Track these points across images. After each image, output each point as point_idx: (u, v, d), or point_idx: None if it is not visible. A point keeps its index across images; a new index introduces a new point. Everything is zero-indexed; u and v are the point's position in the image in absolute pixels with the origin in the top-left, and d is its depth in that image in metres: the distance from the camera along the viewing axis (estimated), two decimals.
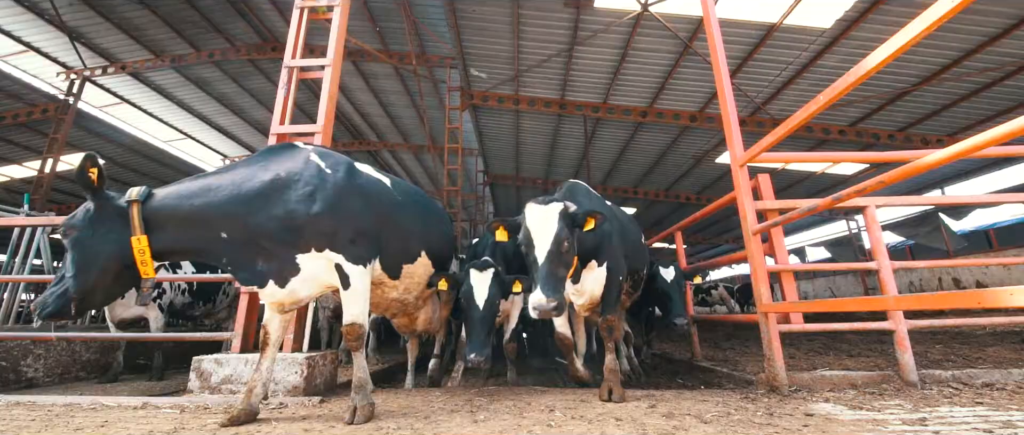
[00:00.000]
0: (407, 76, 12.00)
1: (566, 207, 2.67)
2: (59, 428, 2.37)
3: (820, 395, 2.84)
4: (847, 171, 14.45)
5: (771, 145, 3.03)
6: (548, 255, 2.47)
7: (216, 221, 2.31)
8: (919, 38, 1.88)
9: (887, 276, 3.21)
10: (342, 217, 2.47)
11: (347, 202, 2.52)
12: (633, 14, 8.42)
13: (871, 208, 3.41)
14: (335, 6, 4.58)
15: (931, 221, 16.70)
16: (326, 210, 2.41)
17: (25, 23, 10.00)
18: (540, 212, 2.62)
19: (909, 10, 7.49)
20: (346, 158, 2.79)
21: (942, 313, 7.89)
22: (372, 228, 2.64)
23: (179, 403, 2.92)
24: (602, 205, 3.29)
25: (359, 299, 2.51)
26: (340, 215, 2.46)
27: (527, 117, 13.09)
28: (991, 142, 1.58)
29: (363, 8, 9.64)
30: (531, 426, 2.22)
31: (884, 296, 2.72)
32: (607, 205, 3.44)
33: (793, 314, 3.39)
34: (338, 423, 2.38)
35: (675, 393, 3.10)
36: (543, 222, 2.57)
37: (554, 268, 2.46)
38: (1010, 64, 8.52)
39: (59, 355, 5.01)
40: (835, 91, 2.35)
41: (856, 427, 2.08)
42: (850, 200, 2.39)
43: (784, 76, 9.71)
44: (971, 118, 10.65)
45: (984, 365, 3.60)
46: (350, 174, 2.66)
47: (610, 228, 3.11)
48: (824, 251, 22.81)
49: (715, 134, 12.53)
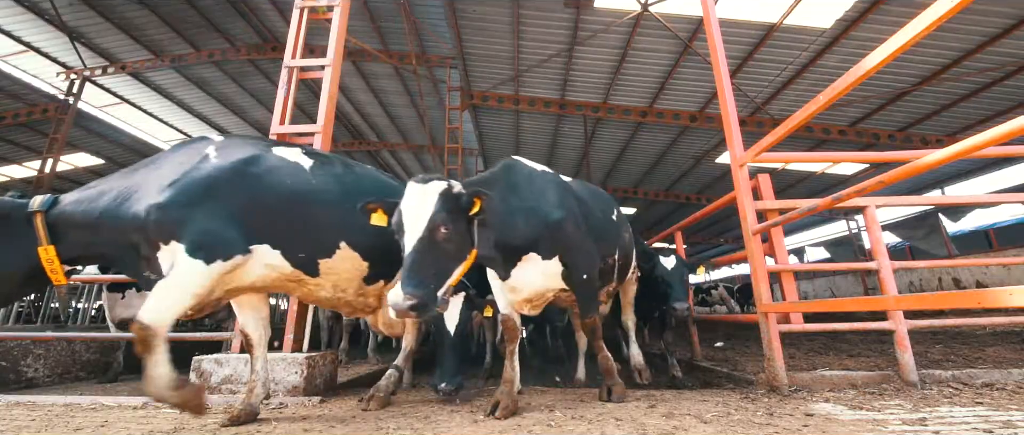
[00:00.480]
0: (407, 76, 12.00)
1: (450, 187, 2.23)
2: (59, 428, 2.37)
3: (820, 395, 2.84)
4: (847, 171, 14.45)
5: (771, 145, 3.04)
6: (417, 243, 2.06)
7: (105, 227, 2.21)
8: (919, 38, 1.88)
9: (887, 276, 3.21)
10: (190, 207, 2.20)
11: (208, 191, 2.25)
12: (633, 14, 8.42)
13: (871, 208, 3.41)
14: (335, 6, 4.58)
15: (929, 223, 16.71)
16: (170, 200, 2.18)
17: (25, 23, 10.00)
18: (418, 192, 2.20)
19: (909, 10, 7.49)
20: (263, 146, 2.57)
21: (942, 313, 7.89)
22: (243, 217, 2.31)
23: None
24: (545, 186, 2.75)
25: (169, 292, 2.11)
26: (188, 205, 2.20)
27: (527, 117, 13.09)
28: (991, 142, 1.59)
29: (363, 8, 9.64)
30: (531, 426, 2.22)
31: (884, 296, 2.72)
32: (559, 185, 2.85)
33: (793, 314, 3.39)
34: (338, 423, 2.38)
35: (675, 393, 3.10)
36: (419, 204, 2.15)
37: (424, 259, 2.05)
38: (1010, 64, 8.52)
39: (59, 355, 5.01)
40: (835, 91, 2.36)
41: (856, 427, 2.08)
42: (850, 200, 2.39)
43: (784, 76, 9.71)
44: (971, 118, 10.65)
45: (984, 365, 3.60)
46: (235, 162, 2.39)
47: (562, 215, 2.63)
48: (824, 251, 22.83)
49: (715, 134, 12.53)
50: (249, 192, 2.37)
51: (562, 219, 2.64)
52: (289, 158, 2.62)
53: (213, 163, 2.35)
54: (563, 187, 2.87)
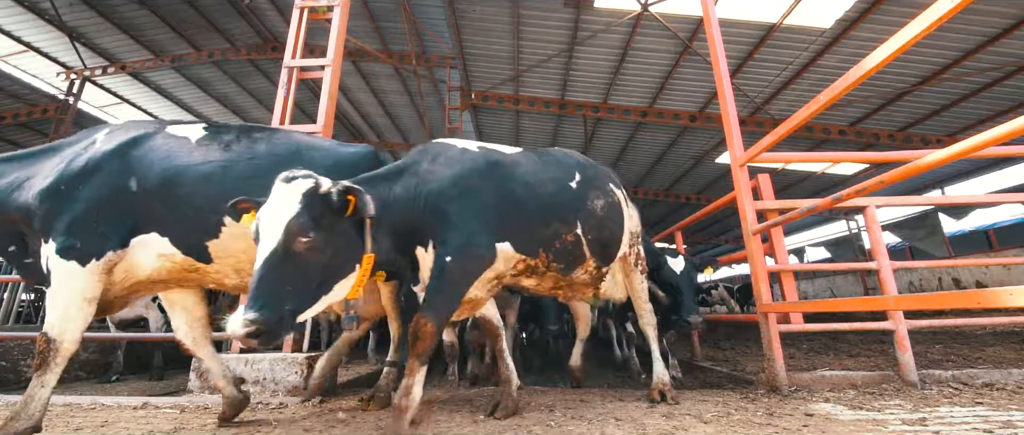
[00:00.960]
0: (407, 76, 11.99)
1: (316, 185, 1.85)
2: (59, 428, 2.37)
3: (820, 395, 2.84)
4: (847, 171, 14.45)
5: (771, 145, 3.04)
6: (268, 256, 1.71)
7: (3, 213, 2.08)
8: (919, 38, 1.88)
9: (887, 276, 3.21)
10: (58, 201, 2.00)
11: (76, 182, 2.04)
12: (633, 14, 8.42)
13: (871, 208, 3.41)
14: (335, 6, 4.58)
15: (929, 223, 16.71)
16: (38, 193, 2.01)
17: (25, 23, 10.00)
18: (280, 193, 1.83)
19: (909, 10, 7.48)
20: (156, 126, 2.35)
21: (942, 313, 7.89)
22: (121, 207, 2.08)
23: (179, 403, 2.92)
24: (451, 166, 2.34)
25: (58, 301, 1.94)
26: (55, 199, 2.00)
27: (527, 117, 13.09)
28: (991, 142, 1.59)
29: (363, 8, 9.64)
30: (531, 426, 2.22)
31: (884, 296, 2.72)
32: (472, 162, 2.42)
33: (793, 314, 3.40)
34: (338, 423, 2.37)
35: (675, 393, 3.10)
36: (278, 208, 1.78)
37: (275, 274, 1.70)
38: (1010, 64, 8.52)
39: None
40: (835, 91, 2.36)
41: (856, 427, 2.08)
42: (850, 200, 2.39)
43: (784, 76, 9.71)
44: (971, 118, 10.65)
45: (984, 365, 3.60)
46: (115, 146, 2.17)
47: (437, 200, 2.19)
48: (824, 251, 22.83)
49: (715, 134, 12.52)
50: (126, 177, 2.10)
51: (446, 200, 2.21)
52: (178, 134, 2.32)
53: (94, 150, 2.13)
54: (478, 164, 2.41)
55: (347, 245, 1.91)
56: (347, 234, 1.92)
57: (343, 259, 1.90)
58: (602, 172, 3.03)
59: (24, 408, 1.96)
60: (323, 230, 1.81)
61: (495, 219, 2.30)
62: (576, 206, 2.64)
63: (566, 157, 2.91)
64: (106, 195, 2.05)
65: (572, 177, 2.73)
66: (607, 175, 3.07)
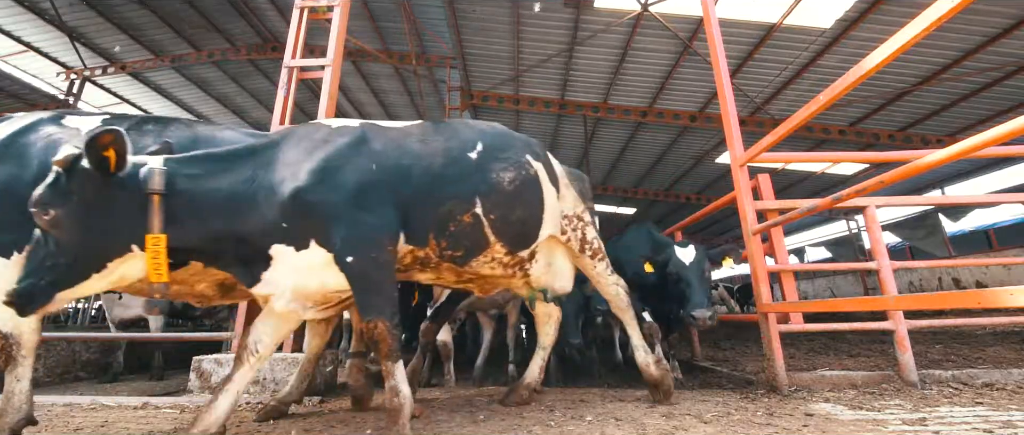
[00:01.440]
0: (407, 76, 11.99)
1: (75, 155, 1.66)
2: (59, 428, 2.37)
3: (820, 395, 2.84)
4: (847, 171, 14.45)
5: (771, 145, 3.04)
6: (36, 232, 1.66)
7: None
8: (919, 38, 1.88)
9: (887, 276, 3.21)
10: None
11: None
12: (633, 14, 8.42)
13: (871, 208, 3.41)
14: (335, 6, 4.58)
15: (929, 223, 16.70)
16: None
17: (25, 23, 10.00)
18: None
19: (909, 10, 7.48)
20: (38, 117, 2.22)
21: (942, 313, 7.89)
22: None
23: (179, 403, 2.92)
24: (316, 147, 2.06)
25: None
26: None
27: (527, 117, 13.09)
28: (991, 142, 1.59)
29: (363, 8, 9.64)
30: (531, 426, 2.22)
31: (884, 296, 2.72)
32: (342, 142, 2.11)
33: (793, 314, 3.40)
34: (338, 423, 2.38)
35: (675, 393, 3.10)
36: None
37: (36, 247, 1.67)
38: (1010, 64, 8.52)
39: (59, 355, 5.01)
40: (835, 91, 2.36)
41: (856, 427, 2.08)
42: (850, 200, 2.39)
43: (784, 76, 9.71)
44: (971, 118, 10.65)
45: (984, 365, 3.60)
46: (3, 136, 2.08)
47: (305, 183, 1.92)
48: (824, 251, 22.84)
49: (715, 134, 12.52)
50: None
51: (304, 188, 1.90)
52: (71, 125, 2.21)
53: None
54: (349, 142, 2.11)
55: (116, 223, 1.72)
56: (119, 211, 1.72)
57: (110, 238, 1.73)
58: (515, 142, 2.61)
59: (7, 403, 1.99)
60: (75, 204, 1.65)
61: (376, 201, 2.03)
62: (475, 181, 2.27)
63: (469, 127, 2.56)
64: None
65: (471, 147, 2.37)
66: (524, 145, 2.63)
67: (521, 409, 2.62)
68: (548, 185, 2.62)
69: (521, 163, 2.49)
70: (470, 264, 2.34)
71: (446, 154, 2.29)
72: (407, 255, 2.16)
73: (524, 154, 2.56)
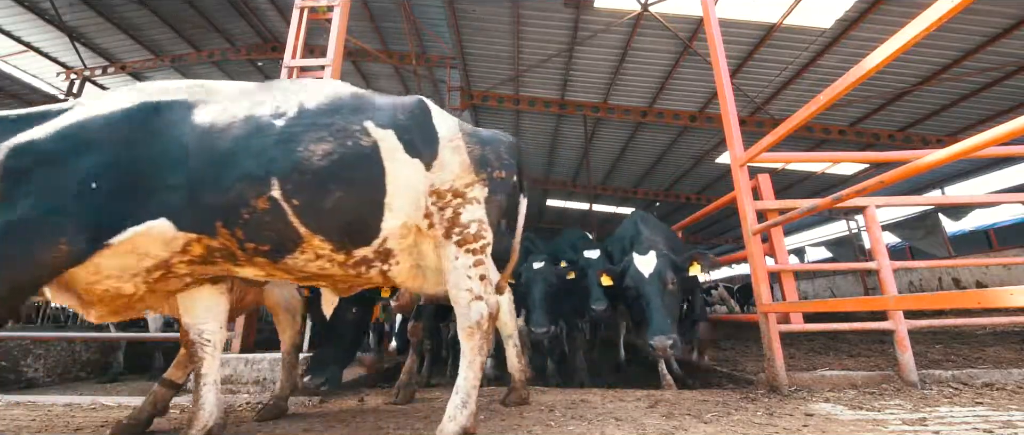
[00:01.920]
0: (407, 76, 11.99)
1: None
2: (59, 428, 2.37)
3: (820, 395, 2.84)
4: (847, 171, 14.45)
5: (771, 145, 3.04)
6: None
7: None
8: (919, 38, 1.88)
9: (887, 276, 3.21)
10: None
11: None
12: (633, 14, 8.42)
13: (871, 208, 3.41)
14: (335, 6, 4.58)
15: (929, 223, 16.70)
16: None
17: (25, 23, 10.00)
18: None
19: (909, 10, 7.48)
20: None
21: (942, 313, 7.89)
22: None
23: (179, 403, 2.92)
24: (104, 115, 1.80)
25: None
26: None
27: (527, 117, 13.09)
28: (991, 142, 1.59)
29: (363, 8, 9.64)
30: (531, 426, 2.22)
31: (884, 296, 2.72)
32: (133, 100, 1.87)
33: (793, 314, 3.40)
34: (338, 423, 2.38)
35: (675, 393, 3.10)
36: None
37: None
38: (1010, 64, 8.52)
39: (59, 355, 5.01)
40: (835, 91, 2.36)
41: (856, 427, 2.08)
42: (850, 200, 2.39)
43: (784, 76, 9.71)
44: (971, 118, 10.65)
45: (984, 365, 3.60)
46: None
47: None
48: (824, 251, 22.82)
49: (715, 134, 12.52)
50: None
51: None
52: None
53: None
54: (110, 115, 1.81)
55: None
56: None
57: None
58: (346, 104, 2.06)
59: None
60: None
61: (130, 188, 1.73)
62: (272, 155, 1.83)
63: (297, 86, 2.11)
64: None
65: (281, 113, 1.93)
66: (363, 108, 2.07)
67: (521, 409, 2.62)
68: (403, 158, 2.05)
69: (347, 132, 1.95)
70: (285, 261, 1.93)
71: (245, 125, 1.86)
72: (194, 244, 1.83)
73: (359, 120, 2.00)
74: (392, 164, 2.01)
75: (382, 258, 2.08)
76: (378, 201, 1.98)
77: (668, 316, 2.88)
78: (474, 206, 2.20)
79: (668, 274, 3.06)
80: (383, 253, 2.07)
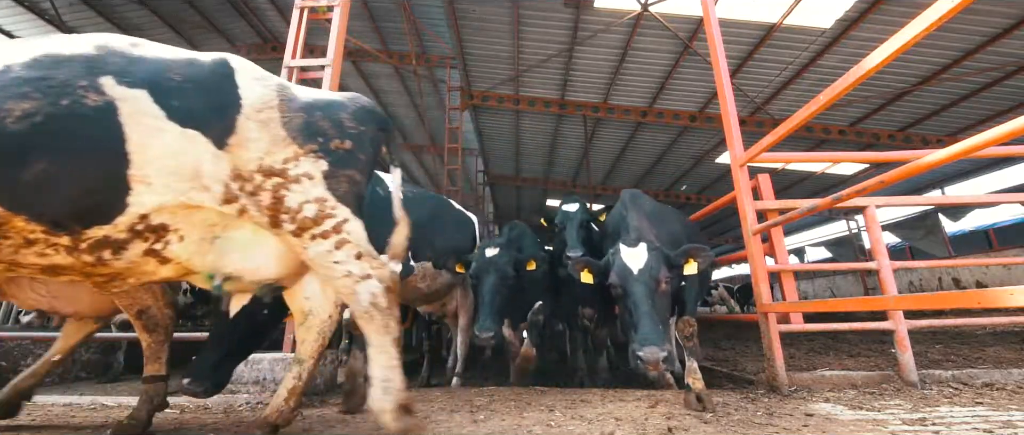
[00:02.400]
0: (407, 76, 11.99)
1: None
2: (59, 428, 2.37)
3: (820, 395, 2.84)
4: (847, 171, 14.45)
5: (771, 145, 3.04)
6: None
7: None
8: (919, 38, 1.88)
9: (887, 276, 3.21)
10: None
11: None
12: (633, 14, 8.42)
13: (871, 208, 3.41)
14: (335, 6, 4.58)
15: (929, 223, 16.69)
16: None
17: (25, 23, 9.99)
18: None
19: (909, 10, 7.48)
20: None
21: (942, 313, 7.89)
22: None
23: (179, 403, 2.92)
24: None
25: None
26: None
27: (527, 117, 13.10)
28: (991, 142, 1.59)
29: (363, 8, 9.64)
30: (531, 426, 2.22)
31: (884, 296, 2.72)
32: None
33: (793, 314, 3.40)
34: (338, 423, 2.38)
35: (675, 393, 3.10)
36: None
37: None
38: (1010, 64, 8.52)
39: None
40: (835, 91, 2.36)
41: (856, 427, 2.08)
42: (850, 200, 2.39)
43: (784, 76, 9.71)
44: (971, 118, 10.65)
45: (984, 365, 3.60)
46: None
47: None
48: (824, 251, 22.82)
49: (715, 134, 12.52)
50: None
51: None
52: None
53: None
54: None
55: None
56: None
57: None
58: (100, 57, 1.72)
59: None
60: None
61: None
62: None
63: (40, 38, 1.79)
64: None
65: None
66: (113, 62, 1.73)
67: (521, 409, 2.62)
68: (165, 125, 1.70)
69: (66, 89, 1.59)
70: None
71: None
72: None
73: (91, 76, 1.65)
74: (140, 130, 1.65)
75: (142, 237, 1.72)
76: (117, 173, 1.62)
77: (660, 322, 2.40)
78: (304, 185, 1.86)
79: (661, 271, 2.56)
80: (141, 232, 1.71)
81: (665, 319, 2.58)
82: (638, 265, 2.54)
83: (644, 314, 2.39)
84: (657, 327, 2.35)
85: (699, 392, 2.56)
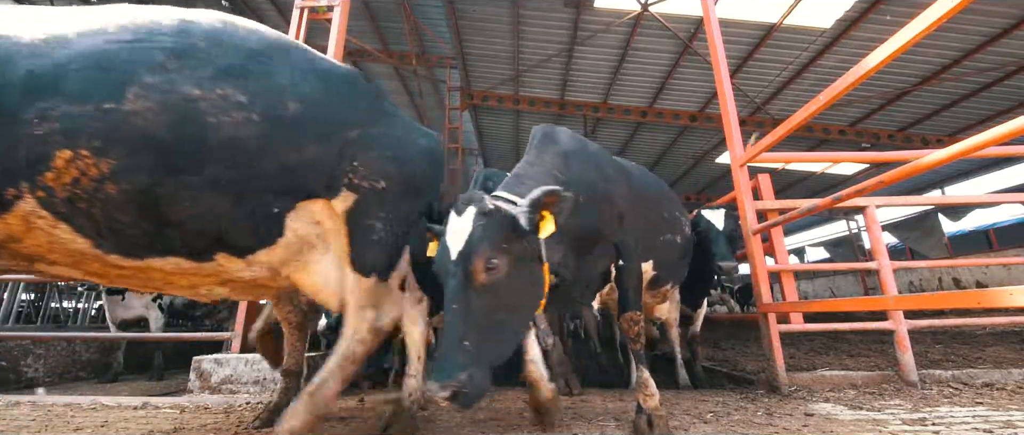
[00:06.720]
0: (407, 76, 11.99)
1: None
2: (59, 428, 2.37)
3: (820, 395, 2.84)
4: (847, 171, 14.46)
5: (771, 145, 3.04)
6: None
7: None
8: (919, 38, 1.88)
9: (887, 276, 3.21)
10: None
11: None
12: (633, 14, 8.42)
13: (871, 208, 3.41)
14: (335, 6, 4.58)
15: (928, 223, 16.69)
16: None
17: None
18: None
19: (909, 10, 7.48)
20: None
21: (942, 313, 7.89)
22: None
23: (179, 403, 2.92)
24: None
25: None
26: None
27: (527, 117, 13.09)
28: (991, 142, 1.59)
29: (363, 8, 9.63)
30: (531, 426, 2.22)
31: (884, 296, 2.72)
32: None
33: (793, 314, 3.40)
34: (338, 423, 2.38)
35: (675, 393, 3.10)
36: None
37: None
38: (1010, 64, 8.52)
39: (59, 355, 5.01)
40: (835, 91, 2.36)
41: (856, 427, 2.08)
42: (850, 200, 2.40)
43: (784, 76, 9.71)
44: (971, 118, 10.66)
45: (984, 365, 3.60)
46: None
47: None
48: (824, 251, 22.81)
49: (715, 134, 12.52)
50: None
51: None
52: None
53: None
54: None
55: None
56: None
57: None
58: None
59: None
60: None
61: None
62: None
63: None
64: None
65: None
66: None
67: (521, 409, 2.62)
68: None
69: None
70: None
71: None
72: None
73: None
74: None
75: None
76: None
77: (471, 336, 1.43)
78: None
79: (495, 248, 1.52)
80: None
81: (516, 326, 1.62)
82: (458, 244, 1.54)
83: (447, 325, 1.45)
84: (459, 347, 1.40)
85: (652, 412, 1.96)
